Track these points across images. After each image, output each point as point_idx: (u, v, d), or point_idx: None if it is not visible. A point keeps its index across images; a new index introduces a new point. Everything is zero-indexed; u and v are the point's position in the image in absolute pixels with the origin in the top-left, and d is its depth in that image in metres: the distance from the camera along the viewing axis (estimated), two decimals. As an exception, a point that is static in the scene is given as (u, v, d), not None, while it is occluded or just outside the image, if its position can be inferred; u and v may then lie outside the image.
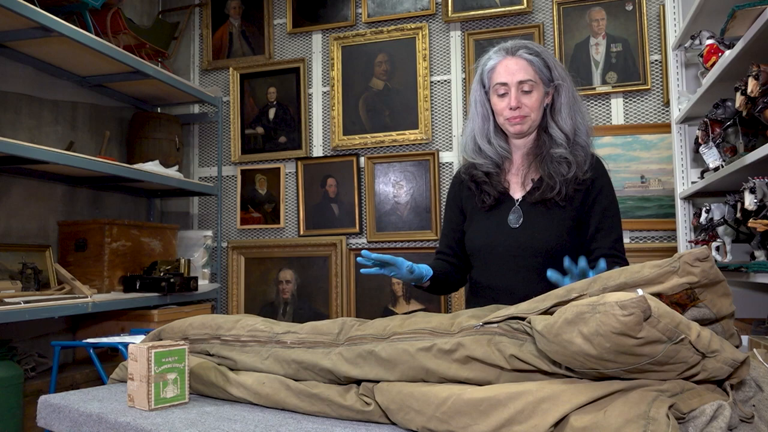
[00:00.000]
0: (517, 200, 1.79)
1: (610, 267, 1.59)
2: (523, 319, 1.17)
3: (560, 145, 1.73)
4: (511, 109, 1.73)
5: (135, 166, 3.34)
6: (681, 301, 1.14)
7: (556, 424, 0.99)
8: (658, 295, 1.10)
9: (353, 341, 1.34)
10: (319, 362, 1.34)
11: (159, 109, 4.16)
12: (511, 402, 1.04)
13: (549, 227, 1.72)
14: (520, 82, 1.72)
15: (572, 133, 1.74)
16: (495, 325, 1.18)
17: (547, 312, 1.16)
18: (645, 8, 3.44)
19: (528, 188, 1.79)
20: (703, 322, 1.16)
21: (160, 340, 1.64)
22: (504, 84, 1.73)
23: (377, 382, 1.27)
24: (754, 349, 1.35)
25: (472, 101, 1.85)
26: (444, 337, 1.22)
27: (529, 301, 1.21)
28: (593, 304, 1.00)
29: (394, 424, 1.21)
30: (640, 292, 1.03)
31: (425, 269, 1.81)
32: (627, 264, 1.65)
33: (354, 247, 3.83)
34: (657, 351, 0.98)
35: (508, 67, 1.73)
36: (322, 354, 1.35)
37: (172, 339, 1.59)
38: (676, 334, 0.98)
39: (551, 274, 1.51)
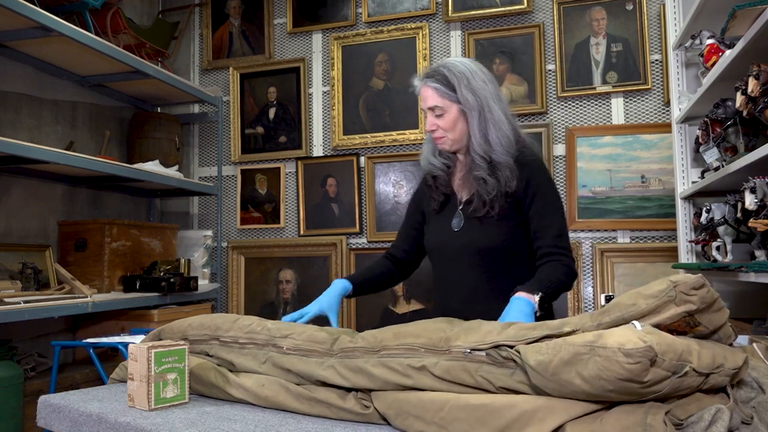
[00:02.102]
0: (461, 205, 1.89)
1: (555, 263, 1.73)
2: (511, 346, 1.16)
3: (480, 167, 1.81)
4: (428, 131, 1.87)
5: (135, 165, 3.33)
6: (680, 329, 1.13)
7: None
8: (657, 325, 1.09)
9: (346, 353, 1.35)
10: (315, 373, 1.34)
11: (159, 108, 4.16)
12: (507, 410, 1.05)
13: (486, 231, 1.82)
14: (430, 108, 1.84)
15: (487, 153, 1.80)
16: (483, 352, 1.17)
17: (537, 341, 1.15)
18: (645, 8, 3.43)
19: (465, 196, 1.89)
20: (699, 337, 1.16)
21: (160, 339, 1.63)
22: (423, 110, 1.88)
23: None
24: (754, 344, 1.34)
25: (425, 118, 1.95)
26: (433, 356, 1.22)
27: (517, 327, 1.21)
28: (591, 345, 1.00)
29: (393, 427, 1.22)
30: (637, 326, 1.04)
31: (344, 289, 1.92)
32: (569, 260, 1.76)
33: (354, 246, 3.82)
34: (663, 387, 0.98)
35: (422, 95, 1.86)
36: (316, 364, 1.36)
37: (172, 339, 1.58)
38: (681, 367, 0.99)
39: None
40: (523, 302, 1.57)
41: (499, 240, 1.81)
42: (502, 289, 1.75)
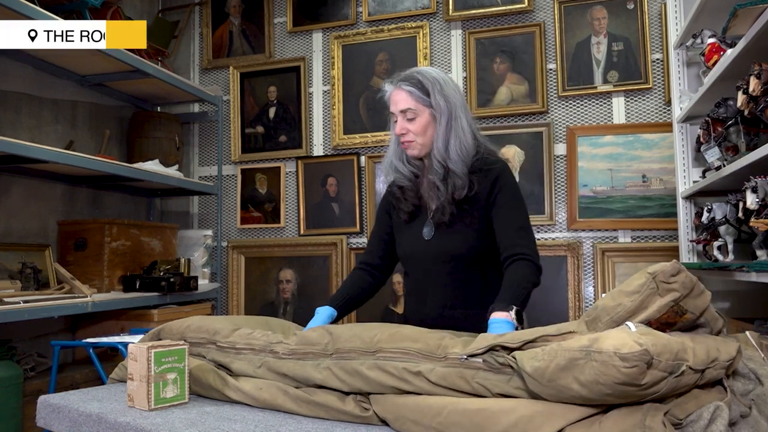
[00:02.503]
0: (431, 214, 1.89)
1: (517, 263, 1.72)
2: (507, 349, 1.17)
3: (436, 172, 1.84)
4: (398, 134, 1.87)
5: (135, 165, 3.33)
6: (670, 320, 1.13)
7: None
8: (648, 323, 1.09)
9: (341, 354, 1.35)
10: (311, 376, 1.35)
11: (159, 108, 4.15)
12: (504, 415, 1.05)
13: (456, 237, 1.83)
14: (402, 111, 1.84)
15: (444, 160, 1.83)
16: (479, 358, 1.18)
17: (532, 342, 1.16)
18: (646, 7, 3.43)
19: (434, 205, 1.89)
20: (690, 324, 1.16)
21: (159, 339, 1.64)
22: (393, 113, 1.88)
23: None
24: (747, 332, 1.34)
25: (390, 125, 1.96)
26: (430, 362, 1.22)
27: (514, 333, 1.23)
28: (587, 350, 1.00)
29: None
30: (631, 326, 1.04)
31: (329, 317, 1.89)
32: (533, 256, 1.75)
33: (355, 246, 3.81)
34: (660, 388, 0.98)
35: (393, 98, 1.87)
36: (312, 366, 1.36)
37: (171, 339, 1.59)
38: (678, 367, 0.99)
39: None
40: (501, 324, 1.54)
41: (470, 247, 1.82)
42: (477, 296, 1.81)
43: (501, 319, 1.55)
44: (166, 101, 4.09)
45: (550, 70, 3.56)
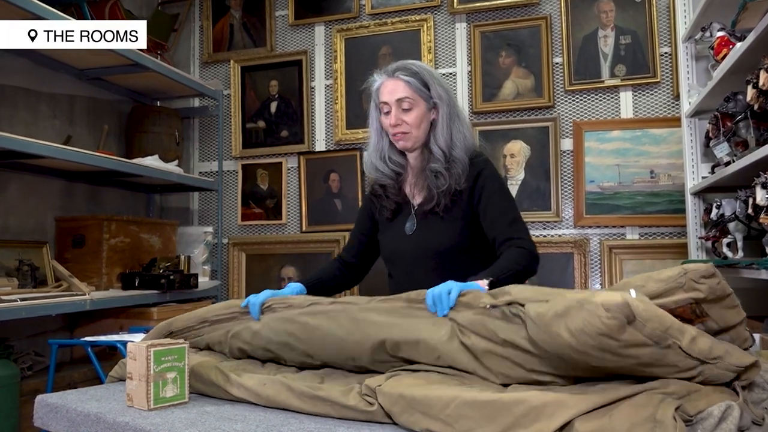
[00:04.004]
0: (414, 209, 1.94)
1: (510, 249, 1.75)
2: (522, 304, 1.23)
3: (437, 160, 1.87)
4: (392, 126, 1.88)
5: (134, 160, 3.33)
6: (686, 315, 1.14)
7: (561, 429, 1.00)
8: (661, 306, 1.10)
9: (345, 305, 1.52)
10: (312, 321, 1.49)
11: (158, 102, 4.13)
12: (515, 406, 1.05)
13: (439, 232, 1.87)
14: (398, 100, 1.86)
15: (448, 148, 1.87)
16: (498, 309, 1.27)
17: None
18: (654, -1, 3.40)
19: (420, 199, 1.94)
20: (708, 332, 1.16)
21: (171, 334, 1.73)
22: (386, 103, 1.88)
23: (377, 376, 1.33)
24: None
25: (370, 120, 2.01)
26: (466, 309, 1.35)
27: (535, 289, 1.30)
28: (581, 301, 1.05)
29: (397, 425, 1.21)
30: (633, 293, 1.08)
31: (298, 292, 1.93)
32: (528, 244, 1.78)
33: (357, 243, 3.78)
34: (643, 353, 1.02)
35: (388, 87, 1.88)
36: (309, 314, 1.52)
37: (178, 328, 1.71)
38: (664, 339, 1.02)
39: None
40: (472, 287, 1.49)
41: (453, 240, 1.86)
42: None
43: (472, 284, 1.52)
44: (166, 96, 4.07)
45: (557, 63, 3.53)
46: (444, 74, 3.68)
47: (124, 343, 2.38)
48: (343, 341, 1.42)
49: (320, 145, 3.94)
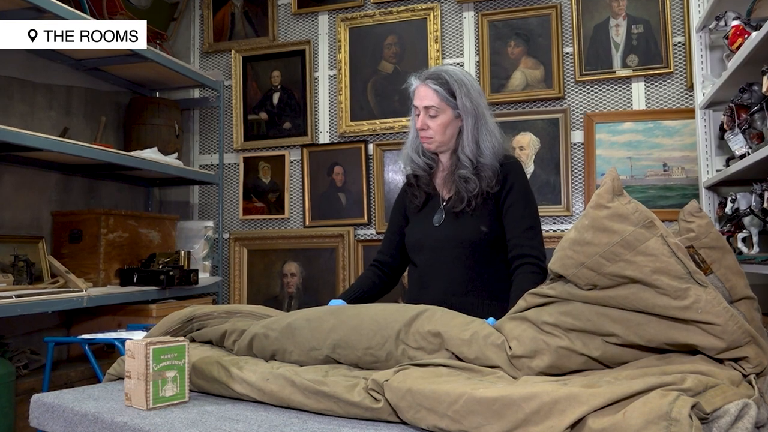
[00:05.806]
0: (443, 202, 2.03)
1: (524, 275, 1.83)
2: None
3: (465, 167, 1.96)
4: (419, 129, 2.00)
5: (132, 153, 3.32)
6: None
7: (573, 425, 0.99)
8: None
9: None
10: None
11: (157, 93, 4.12)
12: (525, 402, 1.04)
13: (467, 223, 1.95)
14: (426, 108, 1.97)
15: (475, 156, 1.96)
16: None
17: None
18: (668, -13, 3.36)
19: (448, 195, 2.04)
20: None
21: (191, 320, 1.78)
22: (416, 107, 2.01)
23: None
24: None
25: (412, 115, 2.10)
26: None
27: None
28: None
29: (403, 422, 1.21)
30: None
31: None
32: (539, 260, 1.87)
33: (362, 238, 3.77)
34: (625, 230, 1.14)
35: (419, 93, 1.99)
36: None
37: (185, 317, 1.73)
38: (645, 219, 1.14)
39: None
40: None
41: (480, 233, 1.93)
42: (483, 282, 1.92)
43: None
44: (165, 86, 4.06)
45: (567, 53, 3.49)
46: (451, 64, 3.61)
47: (122, 341, 2.41)
48: (377, 320, 1.48)
49: (324, 138, 3.91)
